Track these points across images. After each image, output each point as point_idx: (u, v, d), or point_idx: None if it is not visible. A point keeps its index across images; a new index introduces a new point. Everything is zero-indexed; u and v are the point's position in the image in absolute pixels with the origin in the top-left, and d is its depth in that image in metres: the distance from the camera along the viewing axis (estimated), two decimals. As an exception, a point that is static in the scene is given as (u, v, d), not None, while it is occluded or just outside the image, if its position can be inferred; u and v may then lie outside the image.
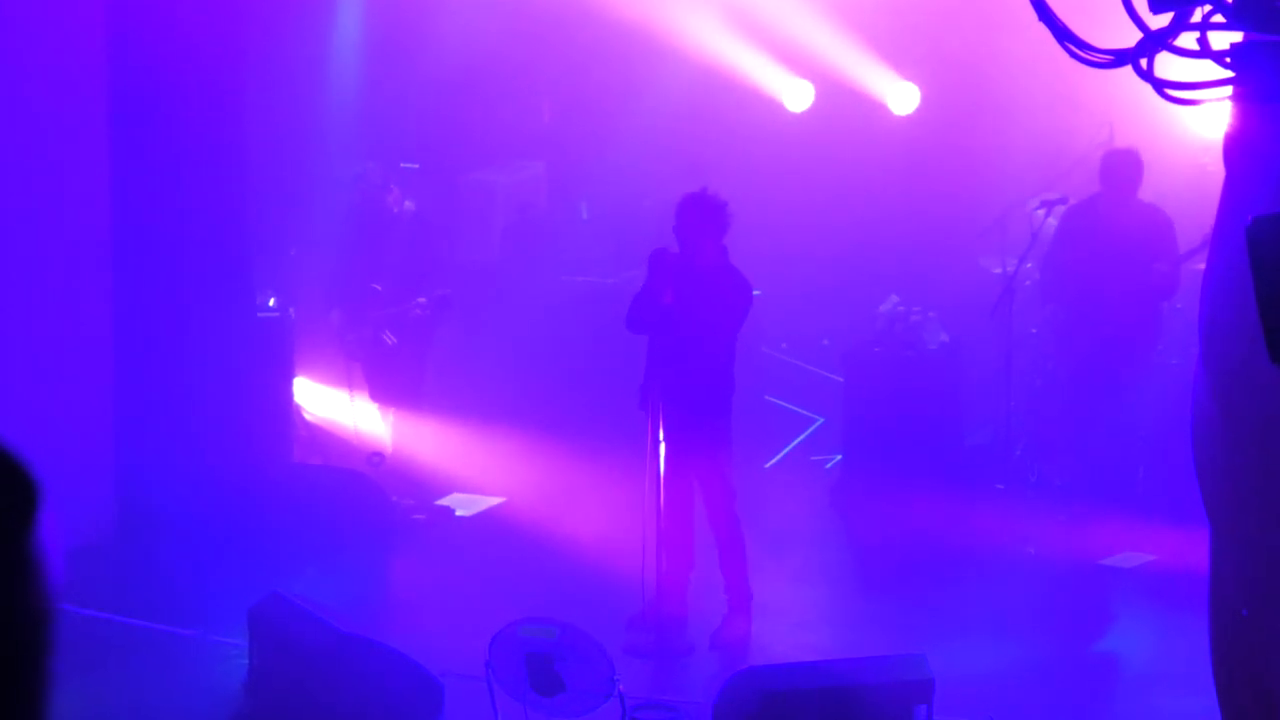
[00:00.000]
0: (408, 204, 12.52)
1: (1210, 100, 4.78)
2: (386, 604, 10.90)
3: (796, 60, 14.77)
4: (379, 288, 12.25)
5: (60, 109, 10.97)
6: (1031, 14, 4.60)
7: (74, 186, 11.09)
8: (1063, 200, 12.05)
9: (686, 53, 14.58)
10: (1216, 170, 5.82)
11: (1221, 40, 4.55)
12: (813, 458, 13.49)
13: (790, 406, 14.27)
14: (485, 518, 12.06)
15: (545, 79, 15.61)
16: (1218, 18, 4.43)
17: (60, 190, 11.01)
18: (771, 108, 14.84)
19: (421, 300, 12.23)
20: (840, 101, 14.71)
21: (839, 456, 12.92)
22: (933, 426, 12.21)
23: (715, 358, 9.76)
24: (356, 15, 14.42)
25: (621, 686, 7.97)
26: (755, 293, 10.01)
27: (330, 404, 13.19)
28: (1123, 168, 11.69)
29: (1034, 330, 12.30)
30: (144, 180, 11.32)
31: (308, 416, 13.05)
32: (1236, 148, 5.50)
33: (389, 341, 12.22)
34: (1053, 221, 12.08)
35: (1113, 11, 4.52)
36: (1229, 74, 4.48)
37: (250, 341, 11.79)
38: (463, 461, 12.65)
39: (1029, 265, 12.14)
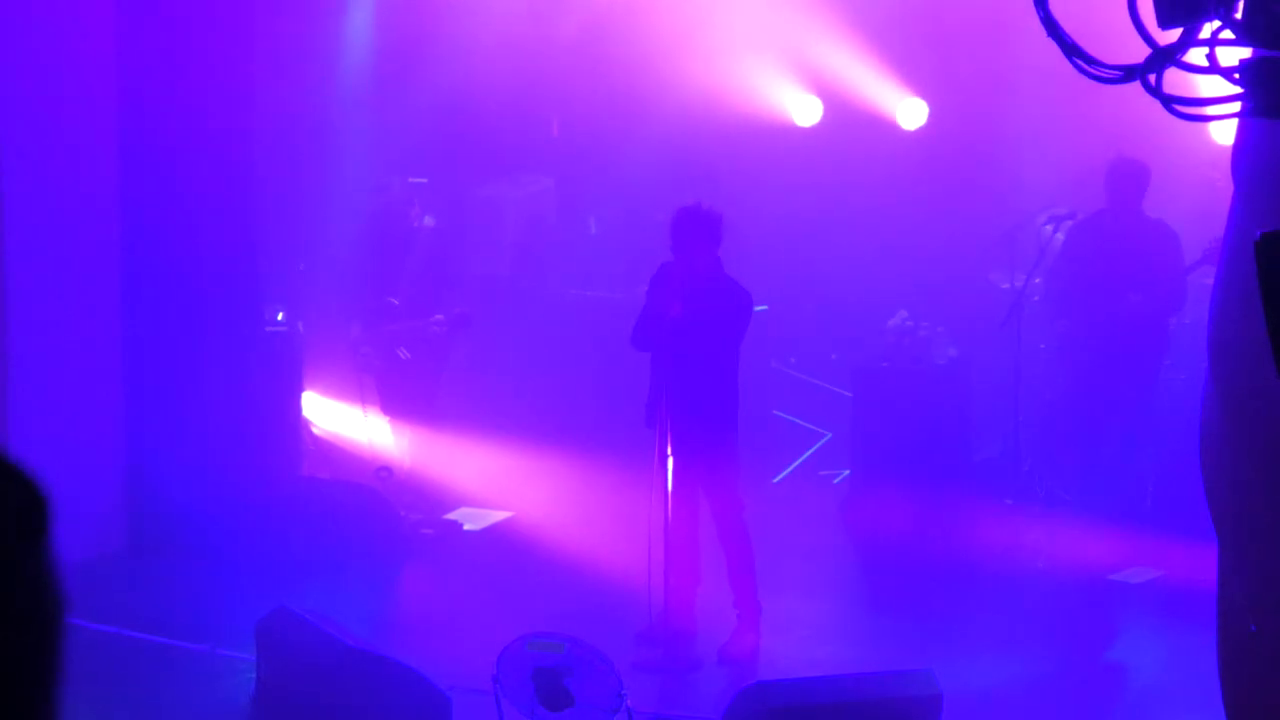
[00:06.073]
0: (428, 219, 12.48)
1: (1219, 116, 4.78)
2: (394, 618, 10.90)
3: (805, 75, 14.78)
4: (396, 302, 12.24)
5: (70, 125, 10.99)
6: (1040, 29, 4.61)
7: (83, 201, 11.12)
8: (1071, 215, 12.03)
9: (695, 68, 14.59)
10: (1225, 186, 5.83)
11: (1230, 56, 4.55)
12: (821, 473, 13.48)
13: (798, 421, 14.26)
14: (493, 532, 12.06)
15: (554, 94, 15.62)
16: (1226, 33, 4.43)
17: (69, 205, 11.04)
18: (780, 123, 14.84)
19: (439, 317, 12.21)
20: (848, 117, 14.71)
21: (847, 471, 12.92)
22: (941, 441, 12.20)
23: (719, 369, 9.75)
24: (366, 30, 14.44)
25: (629, 701, 7.96)
26: (761, 308, 10.00)
27: (339, 418, 13.19)
28: (1128, 176, 11.63)
29: (1042, 346, 12.29)
30: (153, 195, 11.33)
31: (316, 430, 13.04)
32: (1245, 163, 5.51)
33: (403, 356, 12.20)
34: (1060, 237, 12.07)
35: (1121, 27, 4.52)
36: (1238, 90, 4.48)
37: (259, 355, 11.79)
38: (471, 476, 12.64)
39: (1037, 281, 12.14)
